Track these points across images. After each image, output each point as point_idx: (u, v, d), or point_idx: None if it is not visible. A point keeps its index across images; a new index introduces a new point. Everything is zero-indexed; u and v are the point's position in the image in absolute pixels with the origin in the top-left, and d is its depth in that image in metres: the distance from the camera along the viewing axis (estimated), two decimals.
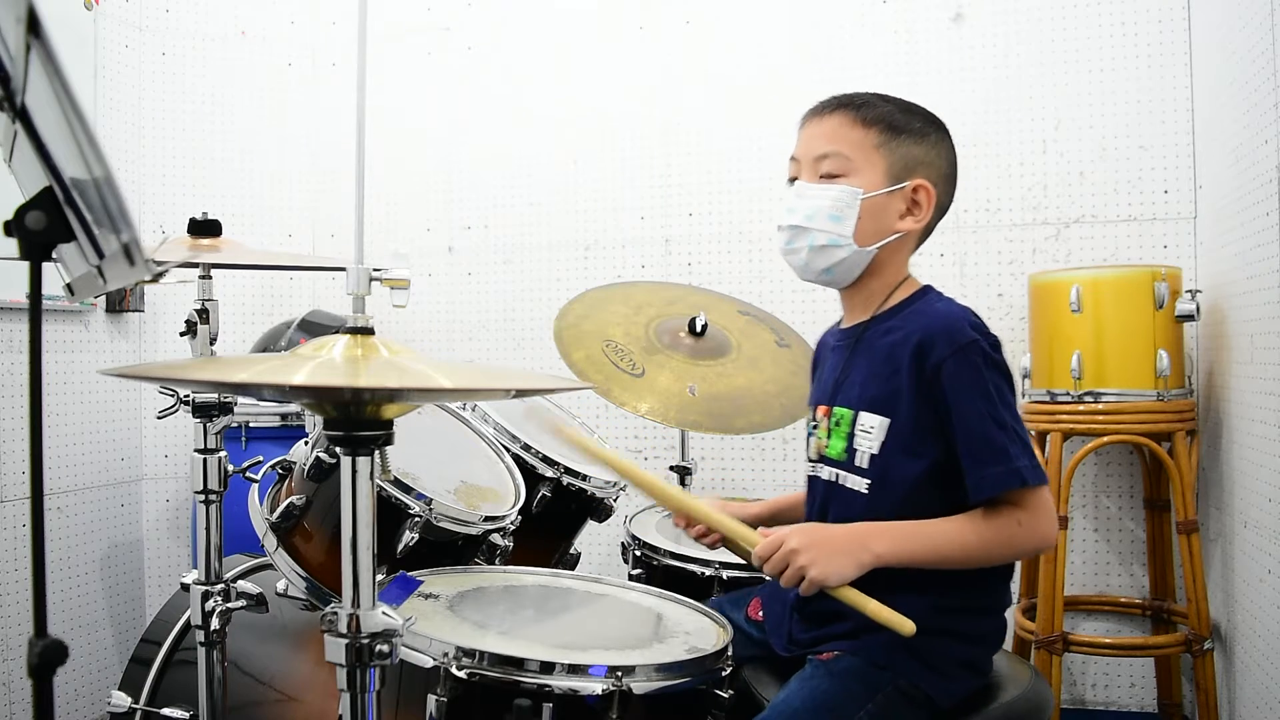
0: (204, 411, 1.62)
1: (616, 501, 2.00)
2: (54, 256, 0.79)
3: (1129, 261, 2.47)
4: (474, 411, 1.92)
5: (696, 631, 1.33)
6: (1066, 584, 2.27)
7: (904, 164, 1.35)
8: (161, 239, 1.79)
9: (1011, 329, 2.56)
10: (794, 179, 1.40)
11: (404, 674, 1.21)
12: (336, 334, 0.96)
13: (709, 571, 1.69)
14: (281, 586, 1.58)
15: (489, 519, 1.63)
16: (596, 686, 1.14)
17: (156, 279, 1.82)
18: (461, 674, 1.14)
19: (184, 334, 1.65)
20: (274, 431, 2.50)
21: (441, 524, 1.55)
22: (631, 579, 1.81)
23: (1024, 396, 2.33)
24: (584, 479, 1.90)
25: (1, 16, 0.68)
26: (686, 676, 1.19)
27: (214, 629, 1.60)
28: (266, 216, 3.09)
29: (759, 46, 2.80)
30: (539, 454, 1.87)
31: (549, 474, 1.86)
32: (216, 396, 1.62)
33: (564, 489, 1.89)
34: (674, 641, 1.29)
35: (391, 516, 1.52)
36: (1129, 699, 2.50)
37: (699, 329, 2.18)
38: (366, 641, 0.92)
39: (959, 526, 1.25)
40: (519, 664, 1.15)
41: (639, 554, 1.82)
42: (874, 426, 1.31)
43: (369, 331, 0.97)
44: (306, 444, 1.63)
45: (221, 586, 1.62)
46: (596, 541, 2.67)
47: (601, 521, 2.00)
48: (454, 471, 1.75)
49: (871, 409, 1.33)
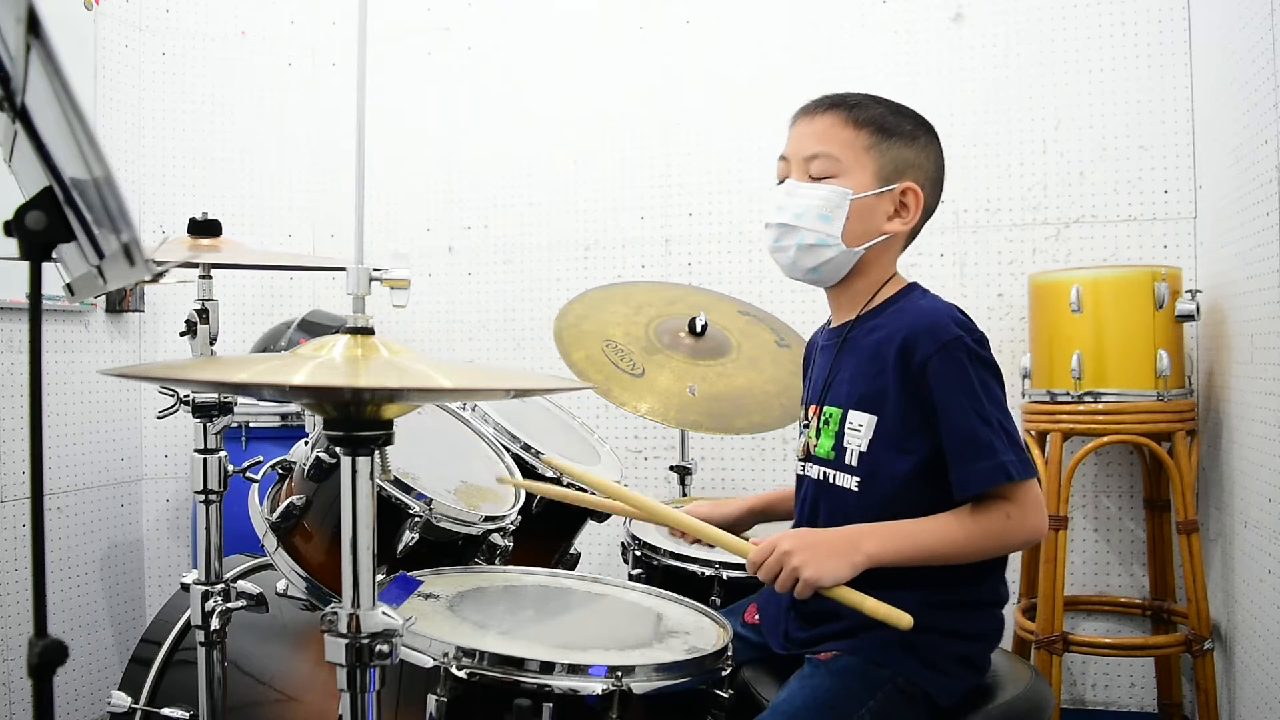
0: (204, 411, 1.62)
1: None
2: (54, 256, 0.79)
3: (1129, 261, 2.47)
4: (474, 411, 1.92)
5: (696, 631, 1.33)
6: (1066, 584, 2.27)
7: (894, 166, 1.36)
8: (161, 239, 1.79)
9: (1011, 329, 2.56)
10: (784, 178, 1.40)
11: (404, 674, 1.20)
12: (336, 334, 0.96)
13: (709, 571, 1.69)
14: (281, 586, 1.57)
15: (489, 519, 1.62)
16: (596, 686, 1.14)
17: (156, 279, 1.82)
18: (461, 674, 1.14)
19: (184, 334, 1.66)
20: (274, 431, 2.50)
21: (441, 524, 1.55)
22: (631, 579, 1.80)
23: (1024, 396, 2.33)
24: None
25: (1, 16, 0.68)
26: (686, 676, 1.19)
27: (214, 629, 1.60)
28: (266, 216, 3.09)
29: (759, 46, 2.80)
30: (539, 454, 1.87)
31: (549, 474, 1.86)
32: (216, 396, 1.62)
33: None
34: (674, 641, 1.29)
35: (391, 516, 1.52)
36: (1129, 699, 2.50)
37: (699, 329, 2.18)
38: (366, 641, 0.91)
39: (948, 523, 1.25)
40: (519, 664, 1.15)
41: (639, 554, 1.82)
42: (862, 424, 1.32)
43: (369, 331, 0.97)
44: (306, 444, 1.63)
45: (221, 586, 1.62)
46: (596, 541, 2.67)
47: (601, 521, 1.99)
48: (454, 471, 1.75)
49: (859, 407, 1.34)
